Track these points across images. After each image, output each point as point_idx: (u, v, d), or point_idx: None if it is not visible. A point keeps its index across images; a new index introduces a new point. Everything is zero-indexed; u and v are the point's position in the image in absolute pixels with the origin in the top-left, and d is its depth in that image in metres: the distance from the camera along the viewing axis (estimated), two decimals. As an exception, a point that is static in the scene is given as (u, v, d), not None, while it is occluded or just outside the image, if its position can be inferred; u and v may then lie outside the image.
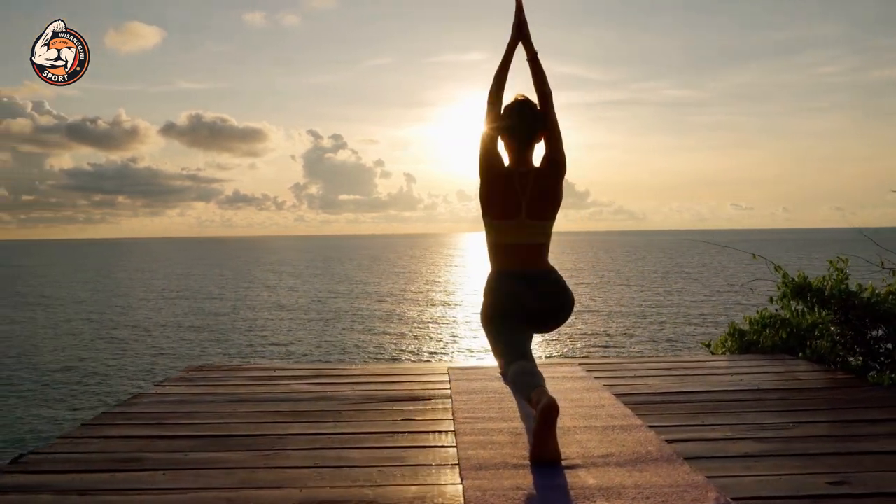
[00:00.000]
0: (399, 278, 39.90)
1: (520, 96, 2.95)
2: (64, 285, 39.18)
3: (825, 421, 2.64)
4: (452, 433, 2.55)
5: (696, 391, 3.15)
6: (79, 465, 2.23)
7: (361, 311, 23.97)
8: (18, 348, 17.31)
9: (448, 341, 17.09)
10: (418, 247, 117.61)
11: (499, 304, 2.79)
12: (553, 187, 2.84)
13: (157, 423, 2.74)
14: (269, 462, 2.26)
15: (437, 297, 28.54)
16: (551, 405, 2.19)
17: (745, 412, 2.78)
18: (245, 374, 3.66)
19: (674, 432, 2.52)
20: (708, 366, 3.76)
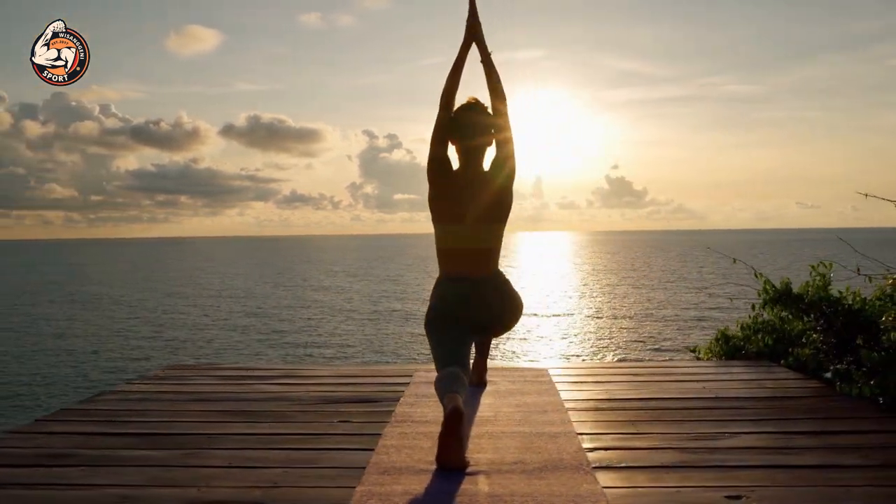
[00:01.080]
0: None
1: (471, 99, 2.96)
2: (126, 283, 40.61)
3: (762, 432, 2.55)
4: (379, 436, 2.57)
5: (650, 398, 3.09)
6: (11, 460, 2.34)
7: (411, 311, 23.98)
8: (50, 342, 18.04)
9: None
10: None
11: (440, 308, 2.80)
12: (499, 192, 2.83)
13: (108, 420, 2.84)
14: (186, 461, 2.32)
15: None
16: (454, 412, 2.19)
17: (687, 420, 2.72)
18: (216, 374, 3.75)
19: (604, 440, 2.49)
20: (678, 372, 3.68)
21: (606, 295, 28.54)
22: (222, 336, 19.02)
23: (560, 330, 19.21)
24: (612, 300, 26.47)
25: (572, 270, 46.03)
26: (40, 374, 14.17)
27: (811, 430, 2.56)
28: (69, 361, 15.50)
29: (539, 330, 19.10)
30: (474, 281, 2.80)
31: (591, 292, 29.84)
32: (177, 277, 45.05)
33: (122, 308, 26.43)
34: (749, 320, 4.22)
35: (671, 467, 2.20)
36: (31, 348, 17.28)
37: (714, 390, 3.22)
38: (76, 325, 21.65)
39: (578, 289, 31.84)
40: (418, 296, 28.92)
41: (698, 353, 4.40)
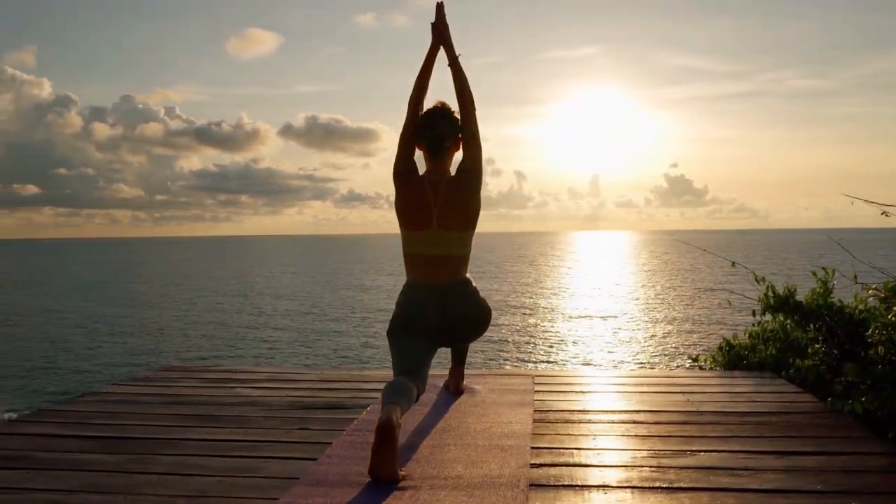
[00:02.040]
0: (506, 279, 39.62)
1: (438, 103, 2.91)
2: (180, 280, 41.77)
3: (729, 451, 2.41)
4: (326, 444, 2.54)
5: (626, 410, 2.97)
6: (-35, 461, 2.40)
7: None
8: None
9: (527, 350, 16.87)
10: (529, 245, 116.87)
11: (402, 316, 2.77)
12: (465, 197, 2.78)
13: (76, 422, 2.89)
14: (131, 467, 2.33)
15: (531, 300, 28.17)
16: (385, 423, 2.14)
17: (654, 436, 2.60)
18: (202, 377, 3.79)
19: (556, 455, 2.40)
20: (668, 382, 3.54)
21: (642, 297, 27.77)
22: (252, 336, 19.07)
23: (579, 333, 18.78)
24: (646, 303, 25.70)
25: (621, 270, 45.19)
26: (65, 365, 14.68)
27: (781, 450, 2.41)
28: (106, 354, 16.01)
29: (554, 333, 18.78)
30: (438, 288, 2.75)
31: (629, 294, 29.05)
32: (228, 275, 46.10)
33: (168, 304, 27.15)
34: (758, 328, 4.05)
35: (612, 487, 2.10)
36: (63, 340, 17.95)
37: (698, 403, 3.08)
38: (113, 320, 22.34)
39: (616, 290, 31.08)
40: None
41: (700, 363, 4.23)
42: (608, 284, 33.89)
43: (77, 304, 28.03)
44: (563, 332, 18.83)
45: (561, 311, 23.51)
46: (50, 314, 24.57)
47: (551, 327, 19.92)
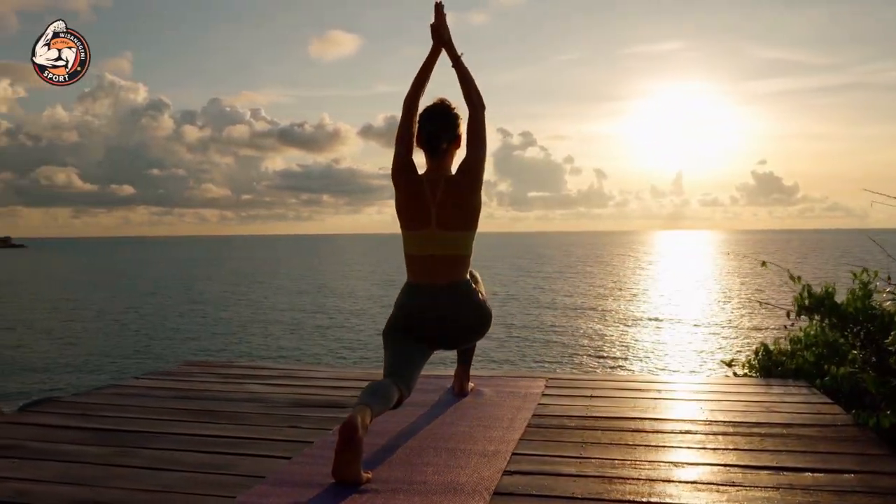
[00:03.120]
0: (584, 278, 38.93)
1: (437, 100, 2.85)
2: (268, 276, 43.05)
3: (721, 464, 2.25)
4: (310, 444, 2.52)
5: (629, 417, 2.82)
6: (-35, 448, 2.49)
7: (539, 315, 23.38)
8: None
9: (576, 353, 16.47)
10: (609, 245, 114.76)
11: (397, 317, 2.72)
12: (464, 197, 2.70)
13: (81, 414, 2.97)
14: (112, 459, 2.36)
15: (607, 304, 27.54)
16: (348, 424, 2.09)
17: (647, 445, 2.45)
18: (221, 372, 3.84)
19: (537, 463, 2.29)
20: (686, 388, 3.36)
21: (703, 299, 26.63)
22: (299, 336, 19.23)
23: (629, 337, 18.12)
24: (706, 305, 24.63)
25: (697, 271, 43.67)
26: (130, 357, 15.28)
27: (780, 466, 2.22)
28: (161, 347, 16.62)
29: (602, 336, 18.20)
30: (434, 289, 2.68)
31: (691, 296, 27.86)
32: (311, 274, 47.19)
33: (243, 301, 27.98)
34: (800, 333, 3.80)
35: (581, 499, 1.98)
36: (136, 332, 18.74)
37: (712, 412, 2.90)
38: (185, 315, 23.18)
39: (684, 291, 29.91)
40: (521, 297, 28.49)
41: (736, 368, 4.00)
42: (678, 286, 32.77)
43: (156, 298, 29.31)
44: (611, 336, 18.29)
45: (620, 313, 22.85)
46: (134, 305, 25.83)
47: (601, 329, 19.36)
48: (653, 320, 21.08)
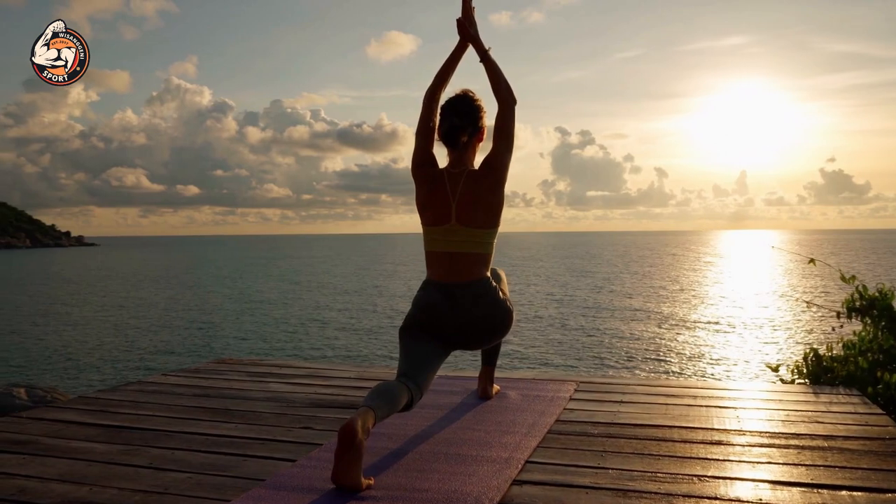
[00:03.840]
0: (640, 279, 38.11)
1: (460, 91, 2.75)
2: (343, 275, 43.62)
3: (747, 479, 2.07)
4: (318, 445, 2.44)
5: (658, 424, 2.66)
6: (-20, 443, 2.50)
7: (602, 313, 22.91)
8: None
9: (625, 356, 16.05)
10: (669, 245, 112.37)
11: (414, 315, 2.62)
12: (484, 192, 2.58)
13: (100, 410, 2.97)
14: (117, 458, 2.33)
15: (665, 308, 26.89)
16: (346, 428, 2.00)
17: (671, 456, 2.29)
18: (247, 371, 3.82)
19: (550, 472, 2.16)
20: (724, 395, 3.15)
21: (757, 302, 25.61)
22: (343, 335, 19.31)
23: (674, 341, 17.51)
24: (761, 307, 23.69)
25: (758, 272, 42.22)
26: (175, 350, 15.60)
27: (812, 483, 2.03)
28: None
29: (644, 338, 17.64)
30: (452, 287, 2.57)
31: (746, 298, 26.82)
32: (357, 272, 47.59)
33: (292, 300, 28.37)
34: (856, 337, 3.55)
35: (589, 513, 1.85)
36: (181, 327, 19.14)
37: (748, 421, 2.71)
38: (235, 313, 23.58)
39: (742, 293, 28.82)
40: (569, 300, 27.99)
41: (783, 374, 3.77)
42: (734, 287, 31.72)
43: (214, 297, 30.01)
44: (657, 338, 17.74)
45: (670, 315, 22.18)
46: (195, 303, 26.49)
47: (649, 332, 18.79)
48: (703, 323, 20.45)
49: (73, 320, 22.64)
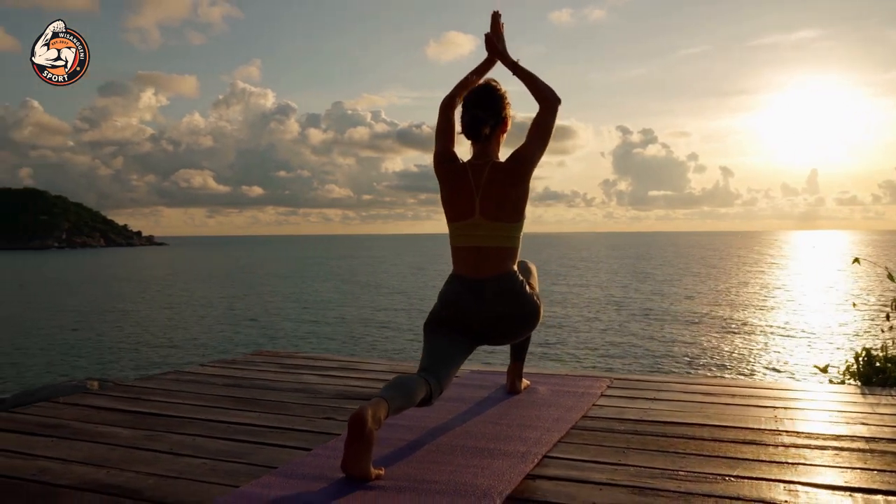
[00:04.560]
0: (700, 280, 37.14)
1: (483, 82, 2.71)
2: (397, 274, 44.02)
3: (769, 479, 1.96)
4: (337, 436, 2.43)
5: (689, 423, 2.55)
6: (15, 426, 2.57)
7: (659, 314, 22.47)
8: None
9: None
10: (734, 245, 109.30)
11: (438, 310, 2.58)
12: (508, 185, 2.52)
13: (135, 397, 3.03)
14: (140, 443, 2.37)
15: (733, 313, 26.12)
16: (355, 418, 1.97)
17: (697, 454, 2.19)
18: (283, 363, 3.85)
19: (571, 468, 2.09)
20: (763, 394, 3.01)
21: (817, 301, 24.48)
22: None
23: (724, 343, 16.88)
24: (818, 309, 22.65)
25: (827, 275, 40.50)
26: None
27: (845, 486, 1.91)
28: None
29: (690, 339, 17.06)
30: (476, 282, 2.53)
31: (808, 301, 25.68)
32: (415, 272, 47.78)
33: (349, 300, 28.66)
34: (913, 337, 3.35)
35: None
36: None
37: (787, 420, 2.58)
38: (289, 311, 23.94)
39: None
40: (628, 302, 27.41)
41: (833, 374, 3.59)
42: (798, 288, 30.52)
43: (271, 295, 30.64)
44: (707, 339, 17.16)
45: (726, 316, 21.46)
46: (251, 300, 27.11)
47: (702, 333, 18.19)
48: (758, 325, 19.78)
49: (142, 316, 23.50)
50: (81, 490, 1.92)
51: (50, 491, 1.92)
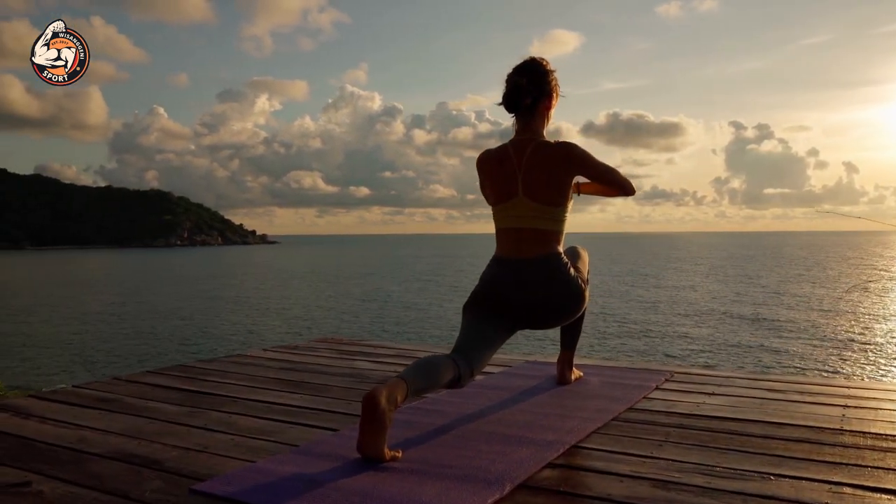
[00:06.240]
0: (815, 283, 35.02)
1: (527, 59, 2.61)
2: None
3: (826, 481, 1.77)
4: (366, 419, 2.40)
5: (742, 419, 2.36)
6: (78, 399, 2.71)
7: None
8: None
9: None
10: (859, 245, 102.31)
11: (477, 291, 2.52)
12: (553, 166, 2.42)
13: (192, 377, 3.13)
14: (180, 419, 2.43)
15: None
16: (368, 398, 1.93)
17: (744, 451, 2.01)
18: (341, 349, 3.88)
19: (598, 458, 1.98)
20: (835, 392, 2.75)
21: None
22: None
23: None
24: None
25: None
26: None
27: (881, 488, 1.71)
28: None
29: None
30: (521, 263, 2.44)
31: None
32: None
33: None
34: None
35: (613, 502, 1.65)
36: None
37: (854, 420, 2.34)
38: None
39: None
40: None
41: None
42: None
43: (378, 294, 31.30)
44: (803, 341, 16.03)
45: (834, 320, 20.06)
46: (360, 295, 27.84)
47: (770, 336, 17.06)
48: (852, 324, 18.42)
49: (259, 309, 24.74)
50: (108, 458, 1.98)
51: (79, 458, 1.99)
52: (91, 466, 1.92)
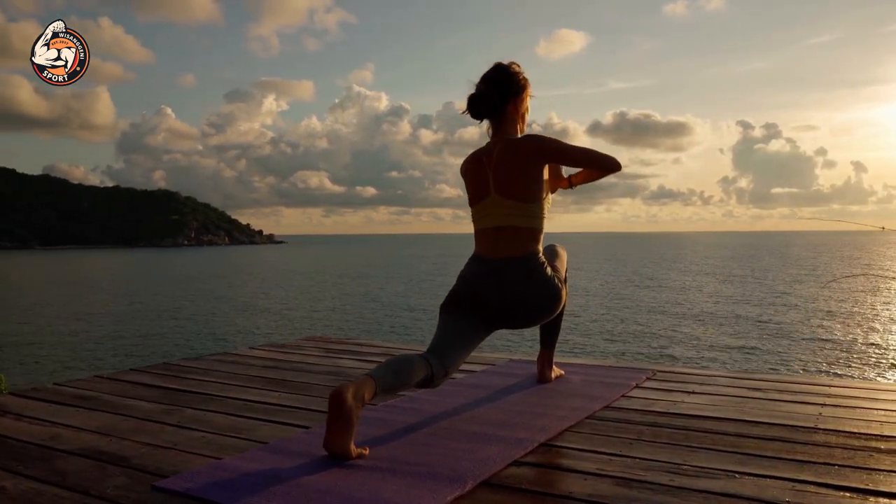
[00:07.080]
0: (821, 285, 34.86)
1: (493, 65, 2.60)
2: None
3: (789, 479, 1.76)
4: (341, 417, 2.40)
5: (718, 417, 2.35)
6: (59, 398, 2.71)
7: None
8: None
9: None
10: (866, 245, 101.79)
11: (455, 290, 2.51)
12: (523, 161, 2.42)
13: (175, 375, 3.13)
14: (156, 416, 2.42)
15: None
16: (334, 395, 1.93)
17: (712, 449, 2.00)
18: (328, 347, 3.88)
19: (566, 456, 1.98)
20: (818, 391, 2.73)
21: None
22: None
23: None
24: None
25: None
26: None
27: (888, 492, 1.69)
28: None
29: None
30: (495, 262, 2.44)
31: None
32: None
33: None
34: None
35: (574, 499, 1.65)
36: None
37: (829, 418, 2.32)
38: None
39: None
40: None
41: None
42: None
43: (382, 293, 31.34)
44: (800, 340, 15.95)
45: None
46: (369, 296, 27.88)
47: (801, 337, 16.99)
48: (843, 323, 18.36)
49: (262, 309, 24.81)
50: (76, 455, 1.98)
51: (48, 455, 1.99)
52: (58, 463, 1.92)
